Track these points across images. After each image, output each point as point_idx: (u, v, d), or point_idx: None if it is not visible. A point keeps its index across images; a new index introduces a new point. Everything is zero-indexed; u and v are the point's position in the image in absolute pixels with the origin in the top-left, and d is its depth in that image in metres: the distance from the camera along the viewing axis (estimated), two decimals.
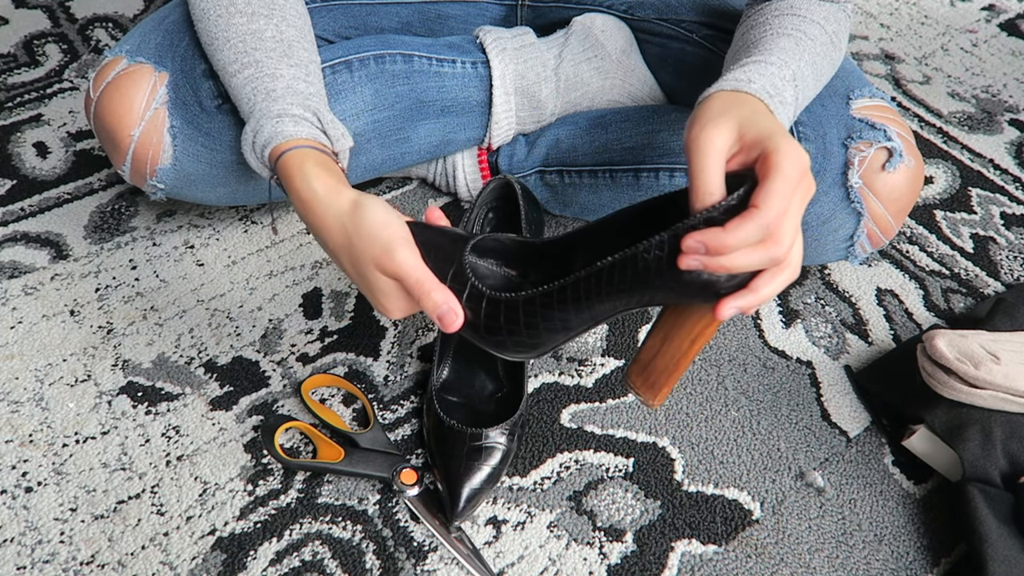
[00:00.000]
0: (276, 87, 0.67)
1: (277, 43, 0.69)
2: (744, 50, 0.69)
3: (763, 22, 0.71)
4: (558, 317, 0.56)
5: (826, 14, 0.72)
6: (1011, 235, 0.98)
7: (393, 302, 0.59)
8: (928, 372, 0.74)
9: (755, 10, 0.75)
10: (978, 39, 1.29)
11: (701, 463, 0.75)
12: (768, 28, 0.70)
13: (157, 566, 0.67)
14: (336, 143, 0.67)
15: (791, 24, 0.70)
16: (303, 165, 0.62)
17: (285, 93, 0.67)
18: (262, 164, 0.67)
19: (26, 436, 0.75)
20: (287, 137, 0.64)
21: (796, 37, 0.69)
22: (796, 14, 0.71)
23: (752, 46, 0.68)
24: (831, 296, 0.90)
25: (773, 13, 0.72)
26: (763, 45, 0.67)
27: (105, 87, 0.76)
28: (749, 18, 0.75)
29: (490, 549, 0.69)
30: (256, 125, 0.66)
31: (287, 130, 0.64)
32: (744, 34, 0.73)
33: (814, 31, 0.70)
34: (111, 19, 1.25)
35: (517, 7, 0.93)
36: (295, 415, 0.77)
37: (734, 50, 0.73)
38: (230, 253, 0.92)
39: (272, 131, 0.64)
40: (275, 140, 0.64)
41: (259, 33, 0.69)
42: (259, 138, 0.65)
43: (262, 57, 0.68)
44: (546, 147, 0.91)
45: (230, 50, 0.69)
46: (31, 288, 0.87)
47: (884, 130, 0.77)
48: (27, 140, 1.04)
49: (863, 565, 0.69)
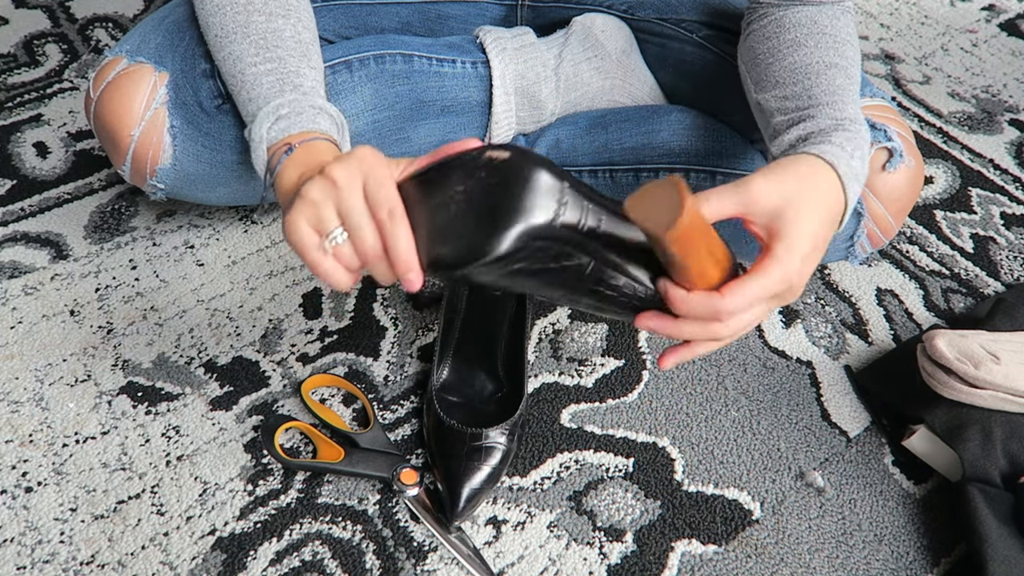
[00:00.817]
0: (303, 84, 0.67)
1: (296, 43, 0.70)
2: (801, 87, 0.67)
3: (801, 42, 0.70)
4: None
5: (846, 28, 0.72)
6: (1011, 235, 0.98)
7: (324, 208, 0.52)
8: (928, 372, 0.74)
9: (773, 18, 0.74)
10: (978, 39, 1.29)
11: (701, 463, 0.75)
12: (815, 57, 0.69)
13: (157, 566, 0.67)
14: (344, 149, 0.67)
15: (834, 52, 0.69)
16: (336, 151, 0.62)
17: (312, 92, 0.67)
18: (266, 136, 0.64)
19: (26, 436, 0.75)
20: (324, 130, 0.63)
21: (849, 76, 0.68)
22: (828, 33, 0.70)
23: (813, 95, 0.66)
24: (831, 296, 0.90)
25: (806, 33, 0.71)
26: (826, 95, 0.65)
27: (105, 87, 0.76)
28: (771, 27, 0.73)
29: (490, 549, 0.69)
30: (294, 105, 0.63)
31: (323, 124, 0.64)
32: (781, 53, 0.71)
33: (855, 59, 0.70)
34: (111, 19, 1.25)
35: (517, 7, 0.93)
36: (295, 415, 0.77)
37: (772, 71, 0.71)
38: (230, 253, 0.92)
39: (311, 119, 0.63)
40: (311, 126, 0.63)
41: (278, 32, 0.69)
42: (290, 117, 0.63)
43: (284, 55, 0.68)
44: (546, 147, 0.91)
45: (250, 44, 0.68)
46: (31, 288, 0.87)
47: (884, 130, 0.77)
48: (27, 140, 1.04)
49: (863, 565, 0.69)
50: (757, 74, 0.73)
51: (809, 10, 0.73)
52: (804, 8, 0.73)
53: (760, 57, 0.73)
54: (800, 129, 0.64)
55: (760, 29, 0.75)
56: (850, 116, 0.64)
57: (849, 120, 0.63)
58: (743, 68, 0.77)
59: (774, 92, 0.70)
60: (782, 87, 0.70)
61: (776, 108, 0.70)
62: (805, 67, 0.69)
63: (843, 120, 0.63)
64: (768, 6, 0.75)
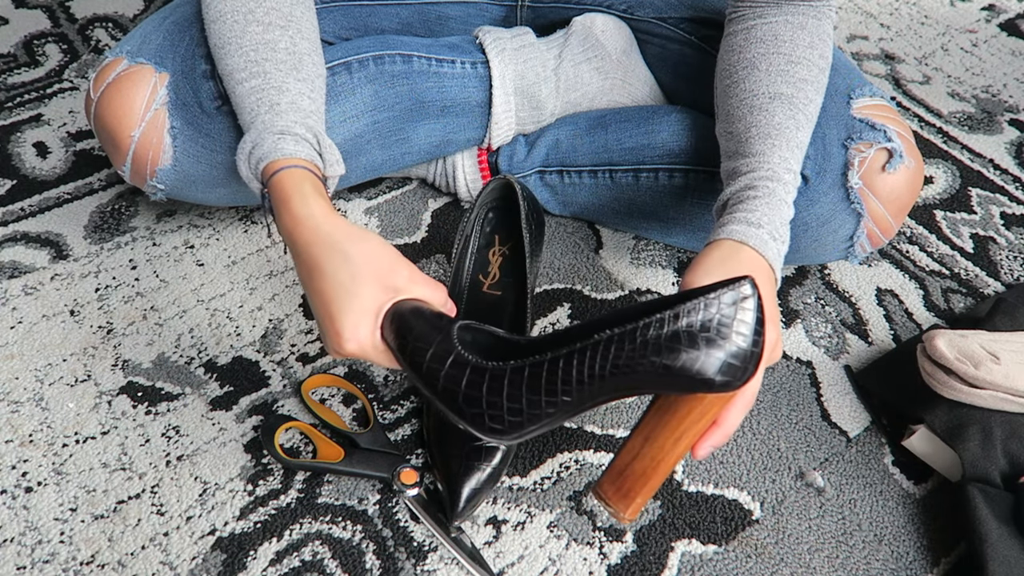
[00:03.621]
0: (280, 101, 0.67)
1: (289, 55, 0.70)
2: (743, 124, 0.71)
3: (756, 64, 0.72)
4: (544, 392, 0.54)
5: (811, 38, 0.73)
6: (1011, 235, 0.98)
7: (362, 327, 0.58)
8: (928, 372, 0.74)
9: (743, 27, 0.75)
10: (978, 39, 1.29)
11: (701, 463, 0.75)
12: (761, 87, 0.71)
13: (157, 566, 0.67)
14: (328, 168, 0.67)
15: (782, 78, 0.71)
16: (302, 185, 0.62)
17: (289, 109, 0.67)
18: (253, 175, 0.66)
19: (26, 436, 0.75)
20: (286, 154, 0.64)
21: (793, 105, 0.70)
22: (783, 53, 0.72)
23: (750, 136, 0.70)
24: (831, 296, 0.90)
25: (762, 53, 0.73)
26: (759, 139, 0.69)
27: (105, 88, 0.76)
28: (739, 38, 0.75)
29: (490, 549, 0.69)
30: (257, 137, 0.66)
31: (287, 148, 0.64)
32: (736, 77, 0.73)
33: (808, 78, 0.72)
34: (111, 19, 1.25)
35: (517, 7, 0.93)
36: (295, 415, 0.77)
37: (724, 100, 0.74)
38: (230, 253, 0.92)
39: (272, 146, 0.64)
40: (273, 155, 0.64)
41: (273, 44, 0.69)
42: (257, 151, 0.65)
43: (271, 68, 0.68)
44: (546, 147, 0.91)
45: (241, 57, 0.69)
46: (31, 288, 0.87)
47: (884, 130, 0.77)
48: (27, 140, 1.04)
49: (863, 565, 0.69)
50: (717, 96, 0.76)
51: (776, 22, 0.73)
52: (774, 18, 0.73)
53: (722, 75, 0.76)
54: (729, 190, 0.68)
55: (731, 36, 0.77)
56: (771, 170, 0.67)
57: (767, 178, 0.66)
58: (715, 80, 0.78)
59: (722, 126, 0.74)
60: (728, 121, 0.73)
61: (723, 148, 0.73)
62: (751, 98, 0.71)
63: (759, 179, 0.66)
64: (744, 7, 0.76)
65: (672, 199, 0.86)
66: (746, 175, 0.67)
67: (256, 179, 0.66)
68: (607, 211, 0.92)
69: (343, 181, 0.88)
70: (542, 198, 0.93)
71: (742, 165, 0.68)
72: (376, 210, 0.97)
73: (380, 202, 0.98)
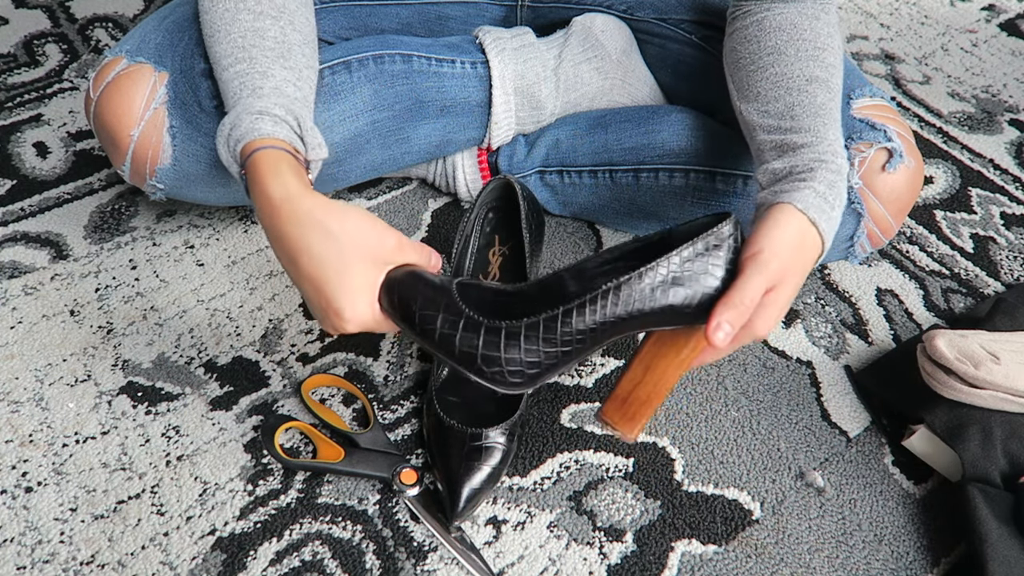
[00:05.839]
0: (264, 85, 0.66)
1: (277, 43, 0.69)
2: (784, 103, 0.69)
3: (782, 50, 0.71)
4: (560, 343, 0.57)
5: (827, 28, 0.72)
6: (1011, 235, 0.98)
7: (360, 303, 0.58)
8: (928, 372, 0.74)
9: (755, 19, 0.74)
10: (978, 39, 1.29)
11: (701, 463, 0.75)
12: (795, 69, 0.70)
13: (157, 566, 0.67)
14: (311, 151, 0.66)
15: (815, 63, 0.70)
16: (278, 165, 0.61)
17: (271, 93, 0.66)
18: (232, 158, 0.65)
19: (26, 436, 0.75)
20: (264, 135, 0.63)
21: (829, 88, 0.69)
22: (807, 39, 0.71)
23: (795, 114, 0.68)
24: (831, 296, 0.90)
25: (786, 40, 0.72)
26: (807, 116, 0.68)
27: (105, 87, 0.76)
28: (752, 29, 0.74)
29: (490, 549, 0.69)
30: (235, 118, 0.64)
31: (265, 128, 0.63)
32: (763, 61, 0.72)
33: (836, 64, 0.71)
34: (111, 19, 1.25)
35: (517, 7, 0.93)
36: (295, 415, 0.77)
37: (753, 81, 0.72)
38: (230, 253, 0.92)
39: (250, 127, 0.63)
40: (250, 136, 0.63)
41: (261, 32, 0.69)
42: (235, 131, 0.64)
43: (258, 55, 0.68)
44: (546, 147, 0.91)
45: (229, 44, 0.69)
46: (31, 288, 0.87)
47: (884, 130, 0.77)
48: (27, 140, 1.04)
49: (863, 565, 0.69)
50: (739, 80, 0.74)
51: (789, 12, 0.73)
52: (785, 8, 0.73)
53: (742, 62, 0.74)
54: (784, 162, 0.65)
55: (742, 30, 0.75)
56: (832, 147, 0.65)
57: (831, 153, 0.65)
58: (726, 69, 0.77)
59: (755, 105, 0.71)
60: (763, 101, 0.70)
61: (758, 124, 0.70)
62: (787, 80, 0.70)
63: (825, 154, 0.65)
64: (750, 3, 0.75)
65: (672, 199, 0.87)
66: (805, 148, 0.65)
67: (236, 161, 0.65)
68: (607, 211, 0.92)
69: (343, 181, 0.88)
70: (542, 198, 0.93)
71: (796, 138, 0.66)
72: (376, 210, 0.97)
73: (380, 202, 0.98)
